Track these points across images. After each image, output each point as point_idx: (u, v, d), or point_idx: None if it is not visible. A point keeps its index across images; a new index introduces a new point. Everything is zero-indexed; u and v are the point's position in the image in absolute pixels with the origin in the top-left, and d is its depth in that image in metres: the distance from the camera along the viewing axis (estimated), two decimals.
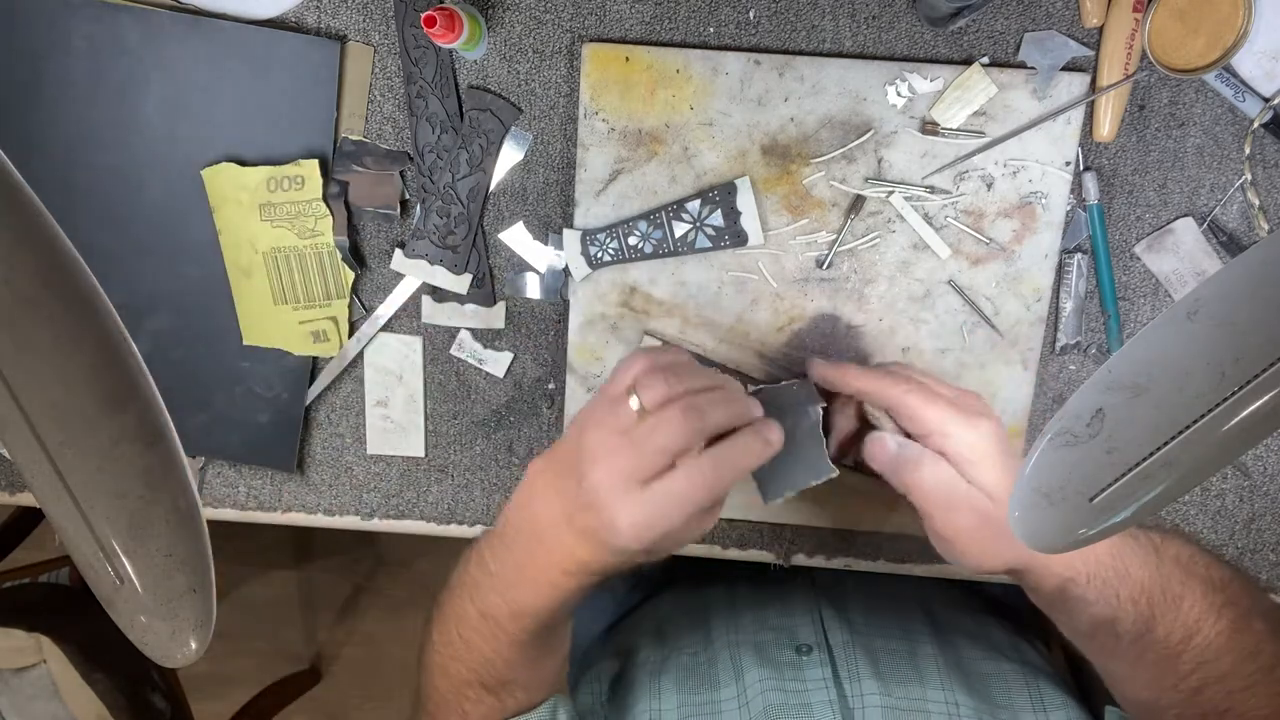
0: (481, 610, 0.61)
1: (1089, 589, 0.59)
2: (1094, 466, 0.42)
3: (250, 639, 1.76)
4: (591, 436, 0.55)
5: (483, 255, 0.74)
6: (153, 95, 0.71)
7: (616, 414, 0.55)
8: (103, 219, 0.74)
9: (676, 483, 0.53)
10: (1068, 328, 0.71)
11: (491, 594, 0.61)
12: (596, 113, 0.69)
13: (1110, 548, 0.59)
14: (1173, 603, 0.59)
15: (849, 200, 0.69)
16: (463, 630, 0.62)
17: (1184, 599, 0.59)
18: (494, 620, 0.61)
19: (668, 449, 0.53)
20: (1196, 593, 0.59)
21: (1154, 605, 0.59)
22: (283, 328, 0.75)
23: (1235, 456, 0.40)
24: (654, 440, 0.53)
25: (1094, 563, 0.59)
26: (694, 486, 0.53)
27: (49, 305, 0.39)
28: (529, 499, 0.60)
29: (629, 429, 0.54)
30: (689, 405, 0.54)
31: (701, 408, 0.54)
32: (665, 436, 0.53)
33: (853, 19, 0.68)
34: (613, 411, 0.55)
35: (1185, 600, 0.59)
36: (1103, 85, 0.67)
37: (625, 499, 0.53)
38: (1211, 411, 0.38)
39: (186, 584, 0.43)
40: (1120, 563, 0.59)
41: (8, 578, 1.40)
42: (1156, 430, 0.40)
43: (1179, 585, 0.59)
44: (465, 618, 0.62)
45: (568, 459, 0.57)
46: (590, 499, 0.54)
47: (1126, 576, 0.59)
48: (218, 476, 0.80)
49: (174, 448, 0.42)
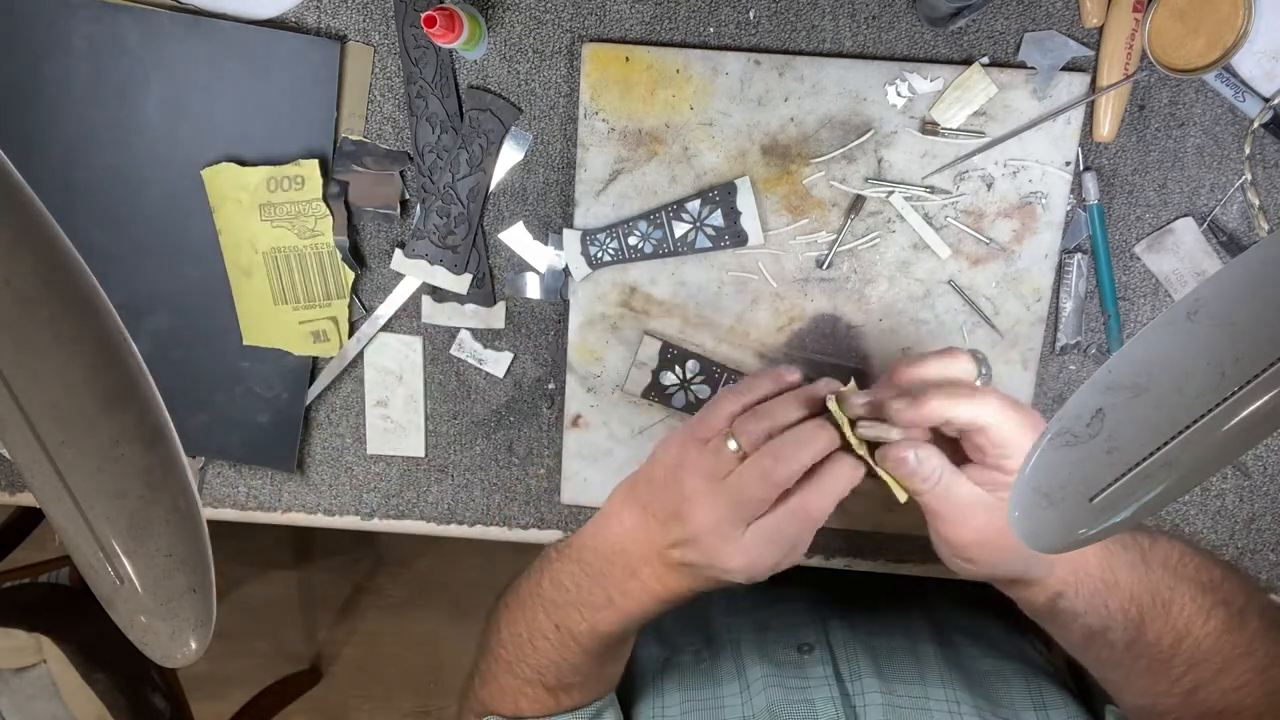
0: (558, 624, 0.63)
1: (1078, 600, 0.59)
2: (1094, 466, 0.42)
3: (250, 639, 1.76)
4: (691, 482, 0.56)
5: (483, 255, 0.74)
6: (153, 95, 0.71)
7: (716, 460, 0.56)
8: (103, 219, 0.74)
9: (777, 521, 0.55)
10: (1068, 328, 0.71)
11: (570, 612, 0.63)
12: (596, 113, 0.69)
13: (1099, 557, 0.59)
14: (1161, 608, 0.59)
15: (849, 200, 0.69)
16: (534, 638, 0.65)
17: (1173, 603, 0.59)
18: (569, 634, 0.63)
19: (768, 495, 0.55)
20: (1185, 596, 0.59)
21: (1143, 611, 0.59)
22: (283, 328, 0.75)
23: (1235, 456, 0.40)
24: (759, 484, 0.54)
25: (1083, 574, 0.58)
26: (792, 524, 0.55)
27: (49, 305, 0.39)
28: (614, 531, 0.61)
29: (728, 473, 0.55)
30: (785, 449, 0.54)
31: (795, 451, 0.55)
32: (764, 483, 0.54)
33: (853, 19, 0.68)
34: (711, 458, 0.56)
35: (1174, 605, 0.59)
36: (1103, 85, 0.67)
37: (731, 542, 0.55)
38: (1211, 411, 0.38)
39: (186, 584, 0.43)
40: (1109, 573, 0.59)
41: (8, 578, 1.40)
42: (1156, 430, 0.40)
43: (1167, 590, 0.59)
44: (538, 627, 0.64)
45: (659, 498, 0.58)
46: (694, 539, 0.56)
47: (1115, 586, 0.59)
48: (218, 476, 0.80)
49: (174, 448, 0.42)
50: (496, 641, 0.68)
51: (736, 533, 0.55)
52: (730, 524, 0.55)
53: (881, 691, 0.66)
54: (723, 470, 0.56)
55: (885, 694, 0.66)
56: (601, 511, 0.63)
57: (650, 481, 0.60)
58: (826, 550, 0.77)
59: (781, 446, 0.54)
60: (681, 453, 0.57)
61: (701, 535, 0.56)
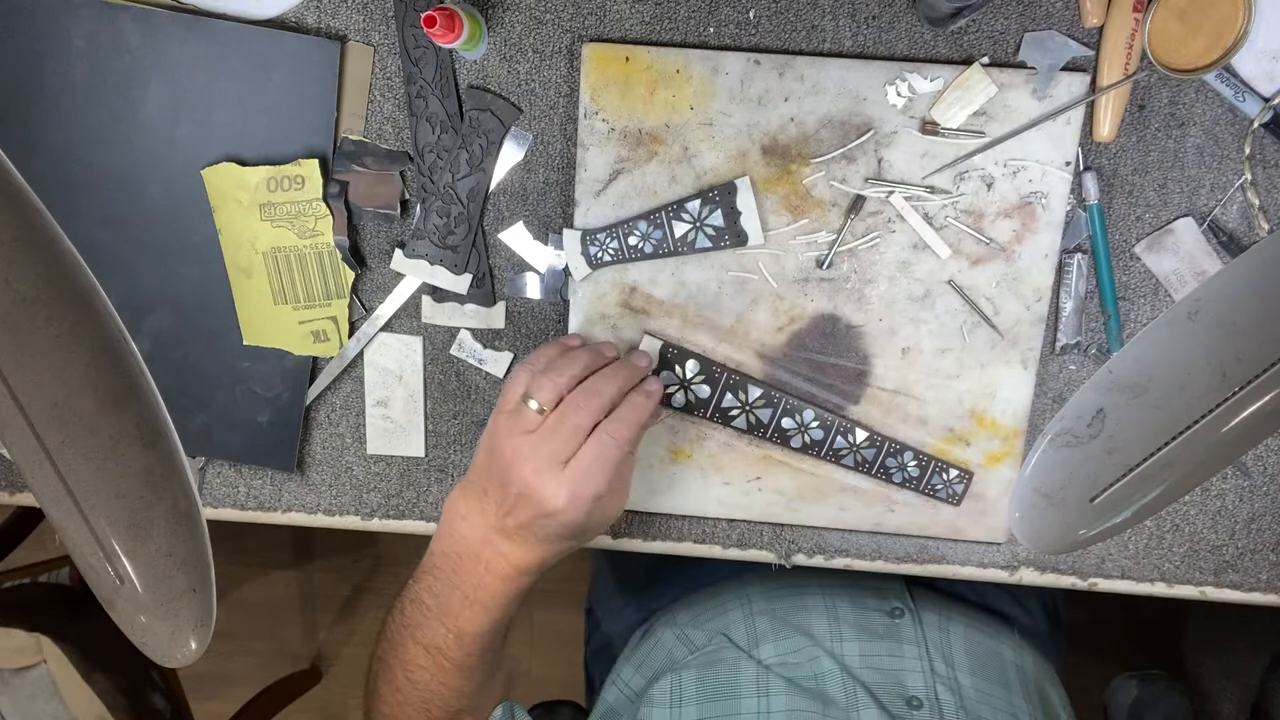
0: (426, 645, 0.66)
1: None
2: (1094, 467, 0.42)
3: (250, 639, 1.76)
4: (506, 446, 0.62)
5: (483, 255, 0.74)
6: (153, 95, 0.71)
7: (521, 421, 0.62)
8: (103, 219, 0.74)
9: (591, 449, 0.61)
10: (1068, 328, 0.71)
11: (434, 625, 0.65)
12: (596, 113, 0.69)
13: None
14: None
15: (849, 200, 0.69)
16: (409, 672, 0.66)
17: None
18: (439, 651, 0.65)
19: (579, 428, 0.61)
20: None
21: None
22: (283, 328, 0.75)
23: (1235, 456, 0.40)
24: (564, 426, 0.61)
25: None
26: (606, 447, 0.61)
27: (49, 305, 0.39)
28: (452, 526, 0.66)
29: (536, 427, 0.62)
30: (584, 390, 0.62)
31: (595, 387, 0.63)
32: (573, 419, 0.61)
33: (853, 19, 0.68)
34: (517, 420, 0.62)
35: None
36: (1103, 85, 0.67)
37: (554, 479, 0.61)
38: (1212, 412, 0.38)
39: (186, 584, 0.43)
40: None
41: (8, 578, 1.40)
42: (1157, 430, 0.40)
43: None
44: (409, 659, 0.66)
45: (484, 477, 0.64)
46: (521, 494, 0.61)
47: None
48: (218, 476, 0.80)
49: (174, 448, 0.42)
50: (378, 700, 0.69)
51: (555, 472, 0.61)
52: (548, 466, 0.61)
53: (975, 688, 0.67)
54: (529, 427, 0.62)
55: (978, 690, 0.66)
56: (443, 519, 0.68)
57: (476, 469, 0.65)
58: (826, 550, 0.78)
59: (576, 396, 0.62)
60: (492, 430, 0.64)
61: (526, 486, 0.61)
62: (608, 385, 0.63)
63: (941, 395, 0.72)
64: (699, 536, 0.78)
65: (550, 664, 1.01)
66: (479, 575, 0.65)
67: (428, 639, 0.66)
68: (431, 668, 0.66)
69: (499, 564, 0.64)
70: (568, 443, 0.61)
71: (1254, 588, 0.76)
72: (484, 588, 0.65)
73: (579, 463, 0.61)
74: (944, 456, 0.73)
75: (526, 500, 0.62)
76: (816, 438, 0.73)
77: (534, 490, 0.61)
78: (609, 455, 0.62)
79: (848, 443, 0.73)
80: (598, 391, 0.63)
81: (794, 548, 0.78)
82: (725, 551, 0.79)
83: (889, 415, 0.73)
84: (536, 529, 0.63)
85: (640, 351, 0.71)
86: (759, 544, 0.78)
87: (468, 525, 0.65)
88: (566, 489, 0.61)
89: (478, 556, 0.65)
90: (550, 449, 0.61)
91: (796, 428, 0.73)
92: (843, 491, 0.75)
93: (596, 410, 0.62)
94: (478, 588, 0.65)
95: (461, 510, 0.66)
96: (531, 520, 0.62)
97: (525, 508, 0.62)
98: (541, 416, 0.62)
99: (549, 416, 0.62)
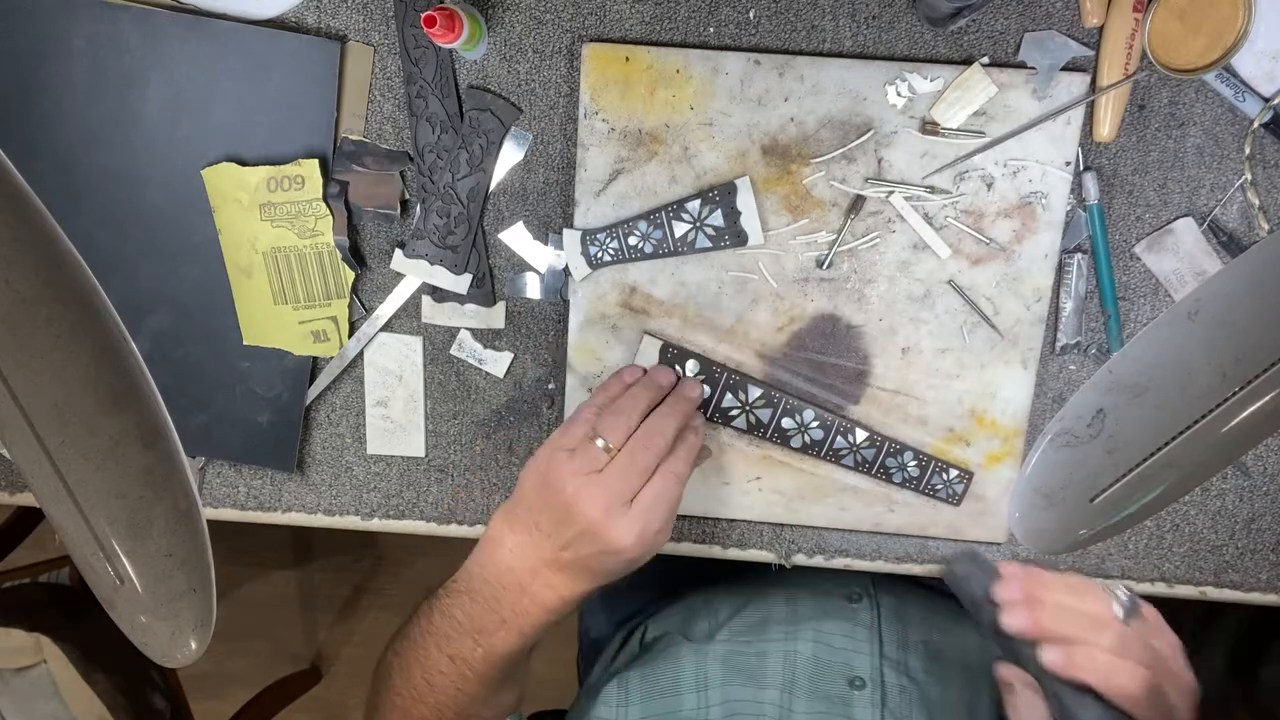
0: (451, 655, 0.67)
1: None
2: (1094, 467, 0.42)
3: (250, 639, 1.76)
4: (569, 484, 0.63)
5: (483, 255, 0.74)
6: (153, 95, 0.71)
7: (587, 459, 0.64)
8: (103, 219, 0.74)
9: (656, 487, 0.64)
10: (1068, 328, 0.71)
11: (464, 641, 0.66)
12: (596, 113, 0.69)
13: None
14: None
15: (849, 200, 0.69)
16: (428, 675, 0.67)
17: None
18: (464, 663, 0.66)
19: (646, 468, 0.64)
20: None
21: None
22: (283, 328, 0.75)
23: (1236, 456, 0.40)
24: (633, 468, 0.63)
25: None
26: (669, 485, 0.64)
27: (49, 305, 0.39)
28: (496, 555, 0.67)
29: (603, 466, 0.63)
30: (648, 429, 0.65)
31: (658, 427, 0.65)
32: (640, 460, 0.64)
33: (853, 19, 0.68)
34: (582, 459, 0.64)
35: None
36: (1103, 85, 0.67)
37: (623, 518, 0.63)
38: (1212, 412, 0.38)
39: (186, 584, 0.43)
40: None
41: (8, 578, 1.40)
42: (1157, 430, 0.40)
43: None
44: (430, 663, 0.67)
45: (541, 512, 0.65)
46: (586, 531, 0.63)
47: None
48: (218, 476, 0.80)
49: (174, 448, 0.42)
50: (389, 690, 0.69)
51: (623, 511, 0.63)
52: (617, 506, 0.63)
53: None
54: (596, 466, 0.63)
55: None
56: (482, 542, 0.69)
57: (526, 502, 0.66)
58: (826, 551, 0.78)
59: (641, 435, 0.65)
60: (550, 466, 0.64)
61: (592, 525, 0.62)
62: (669, 425, 0.66)
63: (941, 395, 0.72)
64: (699, 536, 0.78)
65: (550, 665, 1.01)
66: (522, 604, 0.66)
67: (454, 650, 0.67)
68: (453, 675, 0.66)
69: (546, 595, 0.66)
70: (635, 482, 0.63)
71: (1254, 588, 0.76)
72: (525, 615, 0.66)
73: (645, 501, 0.63)
74: (944, 456, 0.73)
75: (591, 538, 0.63)
76: (816, 438, 0.73)
77: (602, 529, 0.62)
78: (672, 493, 0.64)
79: (848, 442, 0.73)
80: (661, 431, 0.65)
81: (794, 548, 0.78)
82: (725, 551, 0.79)
83: (889, 415, 0.73)
84: (594, 564, 0.64)
85: (692, 381, 0.72)
86: (759, 544, 0.78)
87: (515, 557, 0.66)
88: (636, 528, 0.63)
89: (523, 587, 0.66)
90: (619, 489, 0.63)
91: (796, 427, 0.73)
92: (843, 491, 0.75)
93: (661, 450, 0.65)
94: (517, 614, 0.66)
95: (509, 543, 0.67)
96: (593, 556, 0.64)
97: (588, 544, 0.63)
98: (609, 455, 0.64)
99: (616, 456, 0.64)
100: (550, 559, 0.65)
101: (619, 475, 0.63)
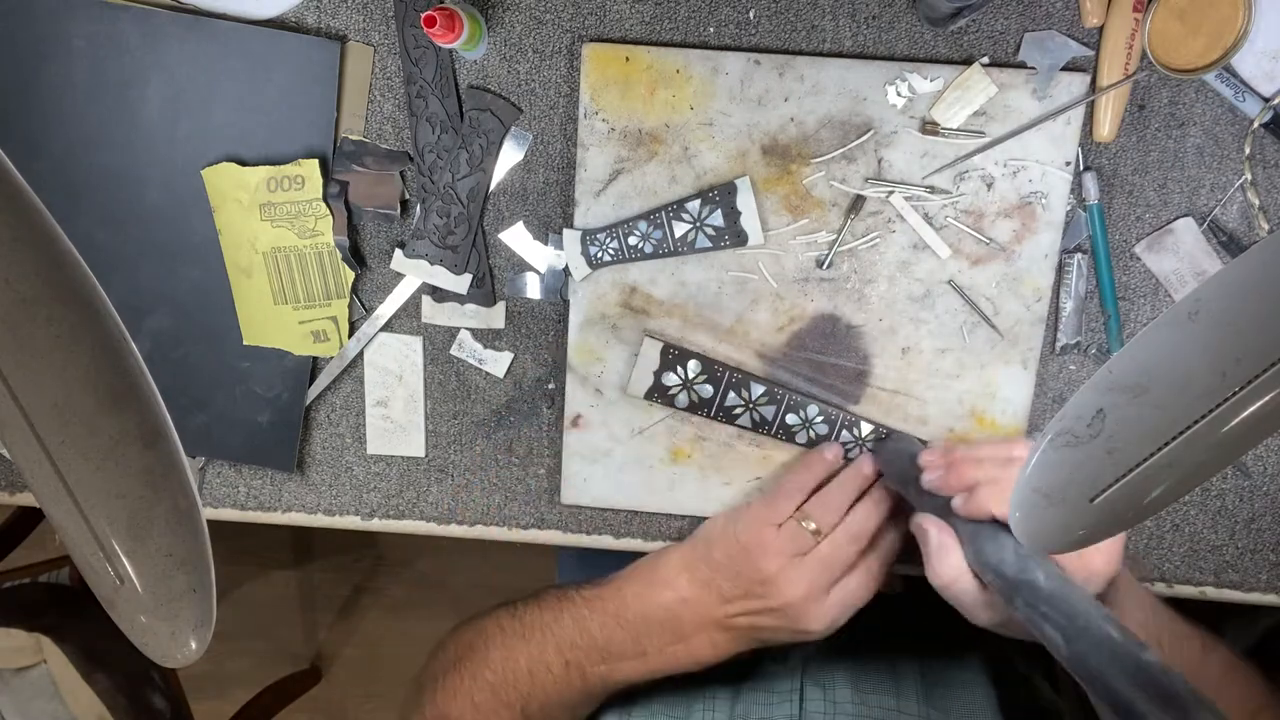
0: (570, 662, 0.67)
1: None
2: (1095, 467, 0.42)
3: (250, 639, 1.76)
4: (774, 561, 0.65)
5: (483, 255, 0.74)
6: (153, 95, 0.71)
7: (795, 540, 0.65)
8: (103, 219, 0.74)
9: (856, 581, 0.66)
10: (1068, 328, 0.71)
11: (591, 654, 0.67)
12: (596, 113, 0.69)
13: None
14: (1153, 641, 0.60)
15: (849, 200, 0.69)
16: (535, 670, 0.68)
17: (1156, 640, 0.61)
18: (579, 674, 0.67)
19: (848, 561, 0.66)
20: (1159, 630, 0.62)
21: None
22: (283, 328, 0.75)
23: (1236, 456, 0.40)
24: (838, 558, 0.65)
25: None
26: (868, 582, 0.67)
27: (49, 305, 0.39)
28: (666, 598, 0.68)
29: (807, 549, 0.65)
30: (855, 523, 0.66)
31: (863, 523, 0.67)
32: (846, 552, 0.66)
33: (853, 19, 0.68)
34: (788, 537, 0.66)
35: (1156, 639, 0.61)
36: (1103, 85, 0.67)
37: (820, 606, 0.65)
38: (1213, 412, 0.38)
39: (186, 584, 0.43)
40: None
41: (8, 578, 1.40)
42: (1157, 430, 0.40)
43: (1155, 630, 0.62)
44: (543, 661, 0.68)
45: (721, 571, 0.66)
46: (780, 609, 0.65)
47: None
48: (218, 476, 0.80)
49: (174, 448, 0.42)
50: (482, 661, 0.69)
51: (823, 599, 0.65)
52: (820, 591, 0.65)
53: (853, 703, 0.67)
54: (803, 548, 0.65)
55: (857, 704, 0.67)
56: (649, 578, 0.69)
57: (714, 561, 0.67)
58: None
59: (850, 527, 0.66)
60: (753, 536, 0.66)
61: (789, 606, 0.64)
62: (873, 519, 0.67)
63: (941, 395, 0.72)
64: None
65: None
66: (673, 649, 0.67)
67: (575, 659, 0.67)
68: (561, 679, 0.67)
69: (703, 650, 0.67)
70: (838, 572, 0.65)
71: (1254, 588, 0.76)
72: (670, 659, 0.67)
73: (843, 594, 0.65)
74: None
75: (780, 616, 0.65)
76: (821, 433, 0.73)
77: (799, 612, 0.64)
78: (869, 590, 0.67)
79: (853, 436, 0.73)
80: (866, 525, 0.67)
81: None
82: None
83: (889, 415, 0.73)
84: (767, 635, 0.66)
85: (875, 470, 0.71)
86: None
87: (685, 607, 0.67)
88: (831, 616, 0.65)
89: (682, 635, 0.67)
90: (825, 578, 0.65)
91: (801, 423, 0.73)
92: None
93: (864, 544, 0.67)
94: (663, 656, 0.67)
95: (683, 591, 0.67)
96: (772, 629, 0.66)
97: (774, 620, 0.65)
98: (815, 540, 0.66)
99: (822, 544, 0.65)
100: (721, 621, 0.66)
101: (825, 563, 0.65)
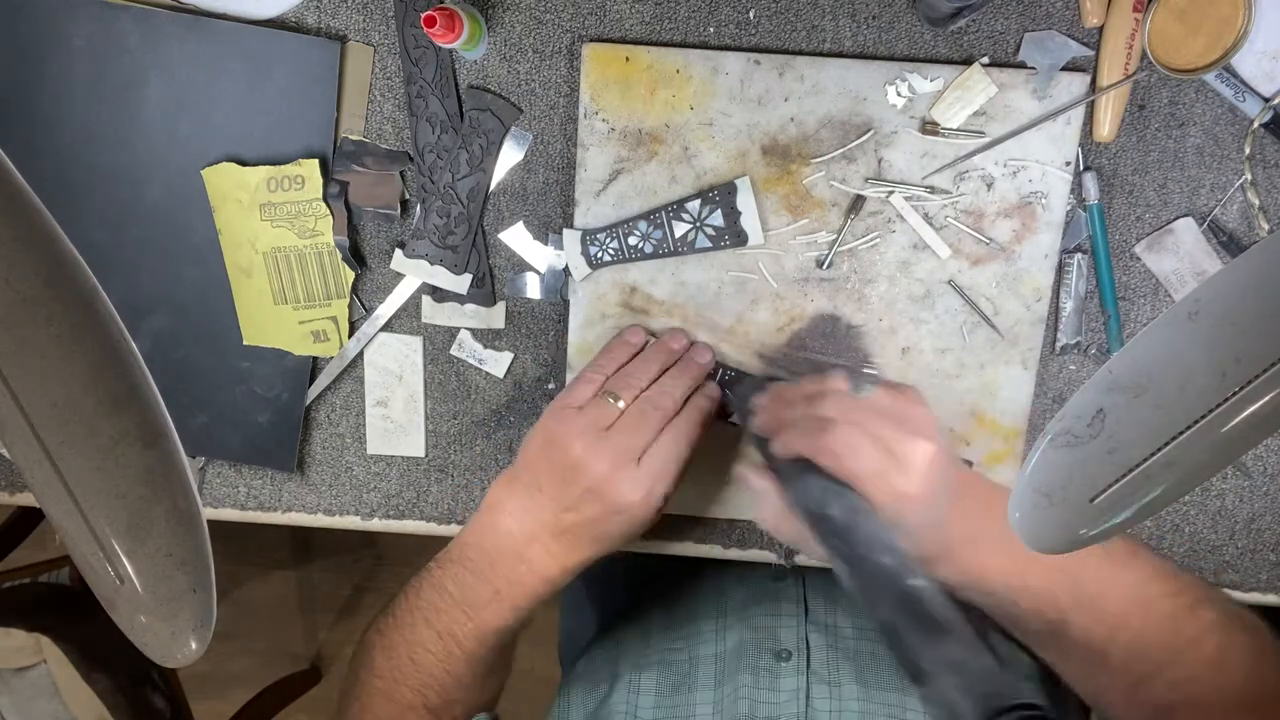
0: (440, 631, 0.65)
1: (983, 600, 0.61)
2: (1095, 467, 0.42)
3: (250, 639, 1.76)
4: (576, 442, 0.62)
5: (483, 255, 0.74)
6: (153, 95, 0.71)
7: (596, 416, 0.63)
8: (103, 219, 0.74)
9: (664, 446, 0.63)
10: (1068, 328, 0.71)
11: (455, 613, 0.65)
12: (596, 113, 0.69)
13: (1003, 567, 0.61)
14: (1088, 601, 0.60)
15: (849, 200, 0.69)
16: (413, 652, 0.66)
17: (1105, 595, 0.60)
18: (453, 639, 0.65)
19: (655, 428, 0.63)
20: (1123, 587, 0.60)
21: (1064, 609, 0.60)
22: (283, 328, 0.75)
23: (1236, 456, 0.40)
24: (642, 425, 0.63)
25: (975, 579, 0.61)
26: (679, 445, 0.64)
27: (49, 305, 0.39)
28: (495, 520, 0.65)
29: (612, 423, 0.63)
30: (658, 389, 0.65)
31: (667, 387, 0.65)
32: (651, 419, 0.63)
33: (853, 19, 0.68)
34: (592, 417, 0.63)
35: (1108, 597, 0.60)
36: (1103, 85, 0.67)
37: (630, 475, 0.62)
38: (1213, 412, 0.38)
39: (186, 584, 0.42)
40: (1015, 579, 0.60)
41: (8, 578, 1.40)
42: (1158, 430, 0.40)
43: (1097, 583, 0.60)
44: (416, 640, 0.66)
45: (538, 473, 0.64)
46: (591, 489, 0.62)
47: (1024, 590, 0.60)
48: (218, 476, 0.80)
49: (174, 448, 0.42)
50: (369, 674, 0.68)
51: (630, 469, 0.62)
52: (625, 461, 0.62)
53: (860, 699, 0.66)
54: (605, 423, 0.63)
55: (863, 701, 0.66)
56: (480, 509, 0.67)
57: (529, 464, 0.65)
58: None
59: (651, 394, 0.64)
60: (557, 423, 0.63)
61: (599, 481, 0.62)
62: (678, 386, 0.65)
63: (941, 395, 0.72)
64: (699, 536, 0.78)
65: (551, 663, 1.01)
66: (518, 572, 0.64)
67: (444, 625, 0.65)
68: (440, 653, 0.65)
69: (544, 563, 0.64)
70: (644, 439, 0.63)
71: (1254, 588, 0.76)
72: (520, 585, 0.64)
73: (653, 460, 0.62)
74: None
75: (596, 496, 0.62)
76: None
77: (608, 485, 0.61)
78: (680, 454, 0.63)
79: None
80: (670, 392, 0.65)
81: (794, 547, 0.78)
82: (726, 551, 0.79)
83: None
84: (595, 528, 0.63)
85: (703, 346, 0.71)
86: (759, 544, 0.78)
87: (514, 521, 0.65)
88: (644, 485, 0.62)
89: (520, 554, 0.64)
90: (626, 445, 0.62)
91: None
92: None
93: (670, 409, 0.64)
94: (512, 584, 0.64)
95: (509, 506, 0.65)
96: (596, 517, 0.63)
97: (593, 504, 0.62)
98: (618, 413, 0.63)
99: (624, 414, 0.63)
100: (551, 522, 0.63)
101: (627, 432, 0.62)
